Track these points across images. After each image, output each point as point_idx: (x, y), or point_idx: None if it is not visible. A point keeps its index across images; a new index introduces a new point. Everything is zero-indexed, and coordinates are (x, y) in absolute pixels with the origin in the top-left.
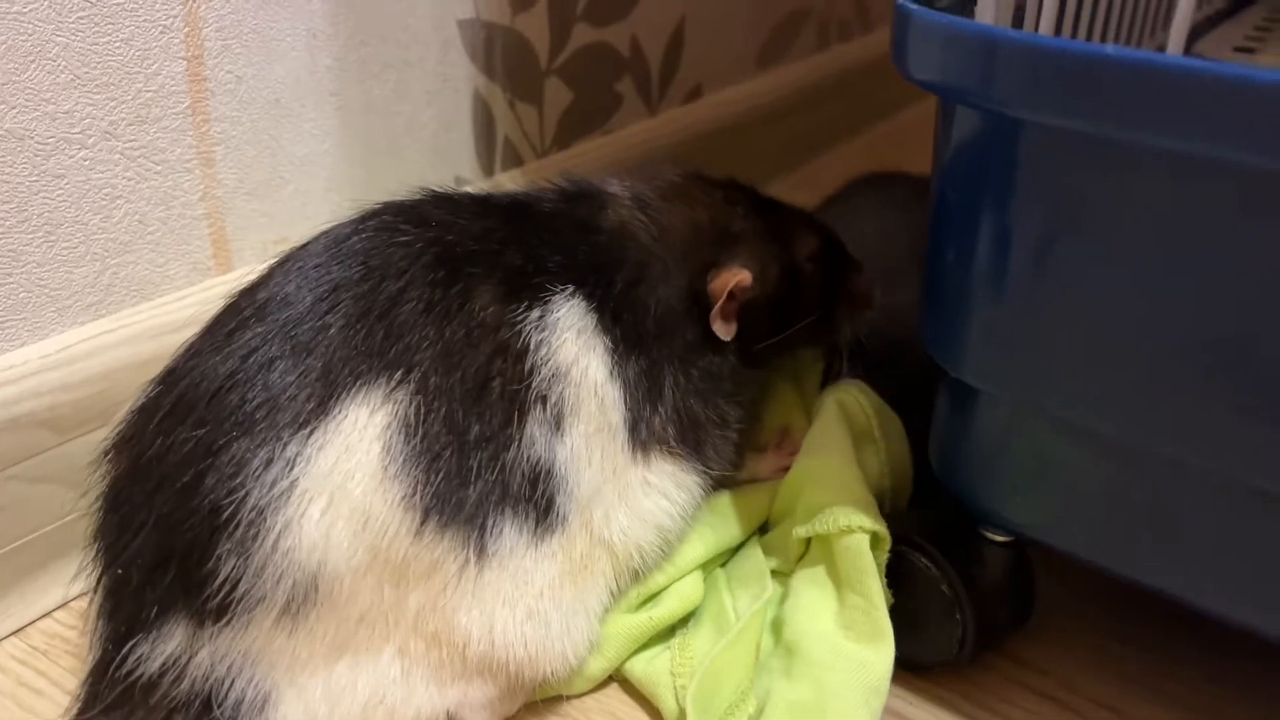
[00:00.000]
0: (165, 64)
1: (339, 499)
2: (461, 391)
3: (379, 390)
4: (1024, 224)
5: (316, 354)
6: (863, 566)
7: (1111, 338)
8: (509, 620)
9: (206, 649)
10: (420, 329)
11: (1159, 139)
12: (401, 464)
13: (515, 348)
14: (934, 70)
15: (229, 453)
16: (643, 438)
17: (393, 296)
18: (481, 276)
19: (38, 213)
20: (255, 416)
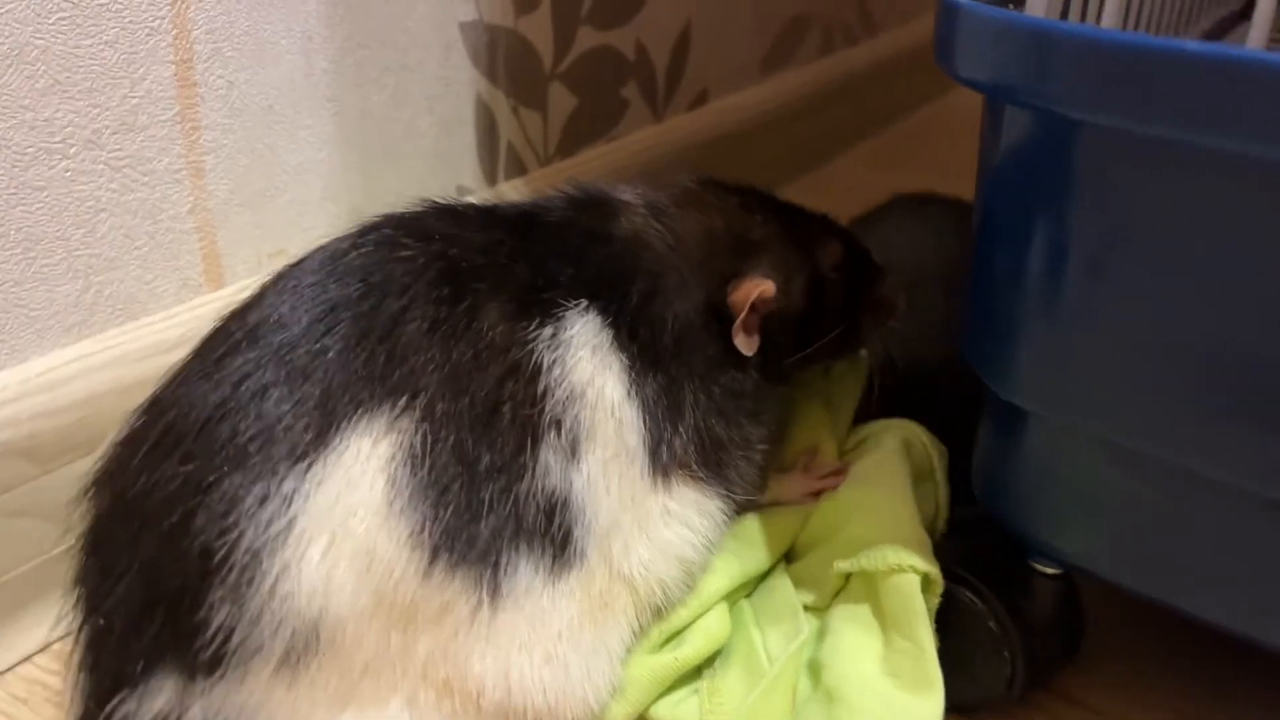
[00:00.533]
0: (152, 68)
1: (341, 538)
2: (470, 418)
3: (382, 418)
4: (1079, 234)
5: (314, 380)
6: (913, 609)
7: (1174, 357)
8: (526, 665)
9: (199, 704)
10: (425, 351)
11: (1233, 141)
12: (408, 499)
13: (527, 369)
14: (984, 68)
15: (220, 489)
16: (663, 461)
17: (395, 316)
18: (489, 293)
19: (16, 227)
20: (248, 449)
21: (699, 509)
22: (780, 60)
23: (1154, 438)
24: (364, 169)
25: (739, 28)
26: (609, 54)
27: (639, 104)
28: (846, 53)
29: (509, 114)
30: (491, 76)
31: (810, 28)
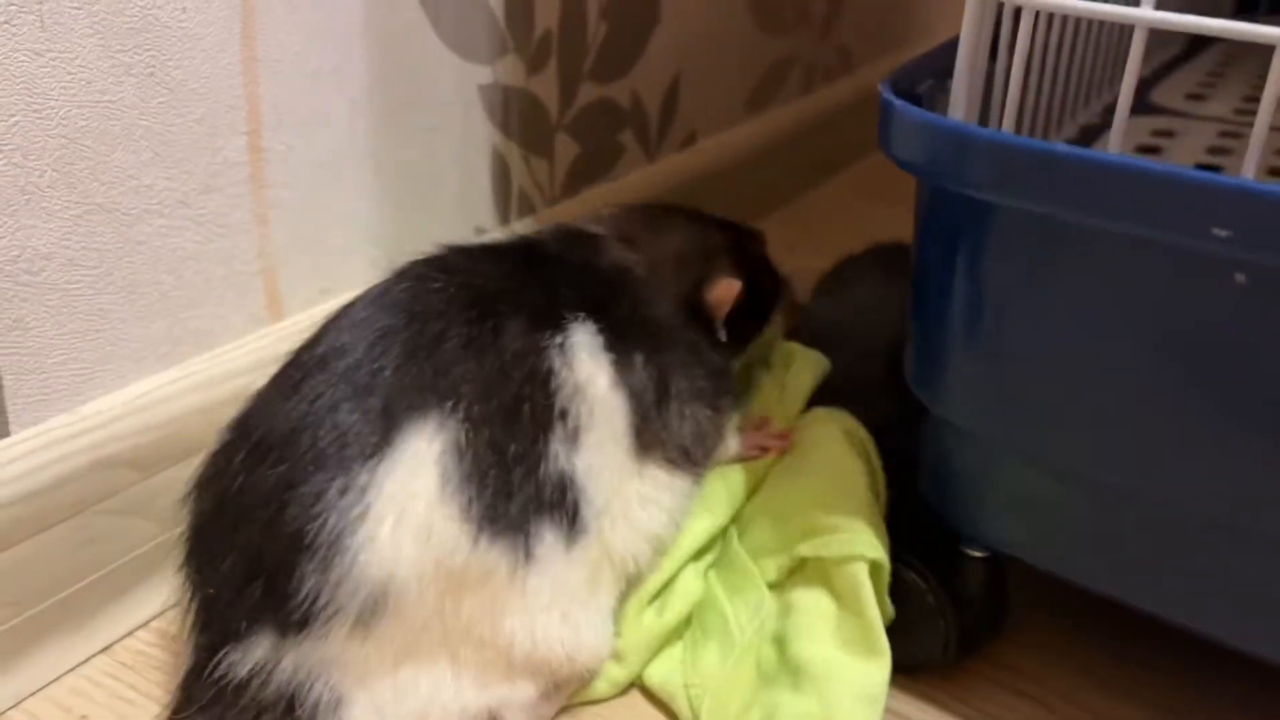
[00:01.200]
0: (230, 139)
1: (406, 516)
2: (500, 417)
3: (433, 421)
4: (990, 287)
5: (376, 394)
6: (861, 596)
7: (1064, 385)
8: (549, 624)
9: (290, 657)
10: (462, 363)
11: (1094, 218)
12: (456, 484)
13: (541, 372)
14: (913, 155)
15: (307, 485)
16: (646, 442)
17: (436, 337)
18: (509, 313)
19: (122, 275)
20: (328, 452)
21: (670, 489)
22: (764, 100)
23: (1059, 452)
24: (399, 216)
25: (724, 73)
26: (607, 105)
27: (634, 147)
28: (826, 90)
29: (520, 162)
30: (505, 131)
31: (791, 69)
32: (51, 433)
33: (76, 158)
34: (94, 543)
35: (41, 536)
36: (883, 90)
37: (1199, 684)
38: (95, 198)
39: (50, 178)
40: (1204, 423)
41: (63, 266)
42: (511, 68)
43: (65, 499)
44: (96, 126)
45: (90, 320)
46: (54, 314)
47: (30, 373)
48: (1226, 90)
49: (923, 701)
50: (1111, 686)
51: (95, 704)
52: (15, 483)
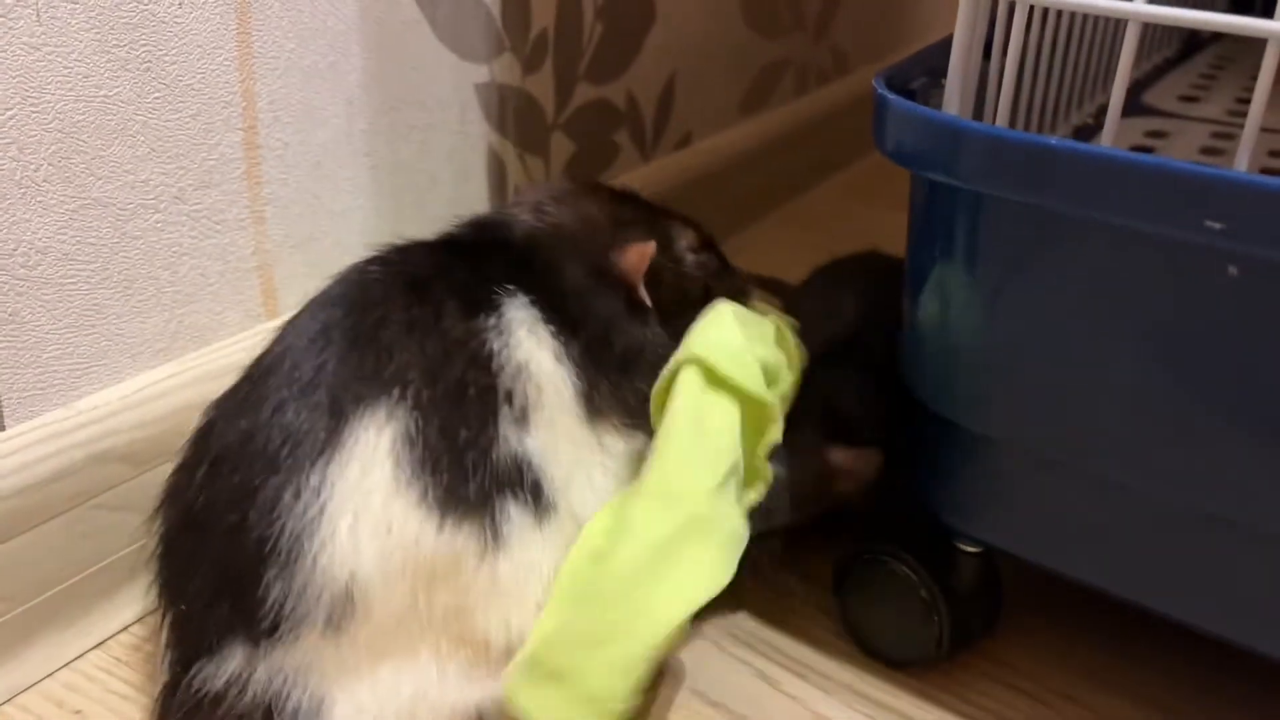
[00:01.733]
0: (225, 135)
1: (362, 513)
2: (447, 401)
3: (381, 410)
4: (982, 280)
5: (321, 389)
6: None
7: (1058, 379)
8: (523, 614)
9: (263, 665)
10: (405, 349)
11: (1088, 210)
12: (410, 473)
13: (482, 355)
14: (908, 150)
15: (263, 492)
16: (596, 408)
17: (376, 323)
18: (445, 296)
19: (118, 270)
20: (279, 455)
21: (626, 456)
22: (758, 102)
23: (1052, 446)
24: (395, 214)
25: (719, 75)
26: (603, 105)
27: (629, 148)
28: (820, 92)
29: (516, 161)
30: (501, 129)
31: (785, 71)
32: (47, 427)
33: (73, 152)
34: (89, 537)
35: (37, 531)
36: (877, 86)
37: (1199, 682)
38: (91, 192)
39: (46, 172)
40: (1198, 416)
41: (58, 261)
42: (508, 67)
43: (60, 493)
44: (93, 121)
45: (86, 315)
46: (49, 309)
47: (25, 367)
48: (1219, 92)
49: (920, 699)
50: (1111, 684)
51: (89, 699)
52: (11, 477)
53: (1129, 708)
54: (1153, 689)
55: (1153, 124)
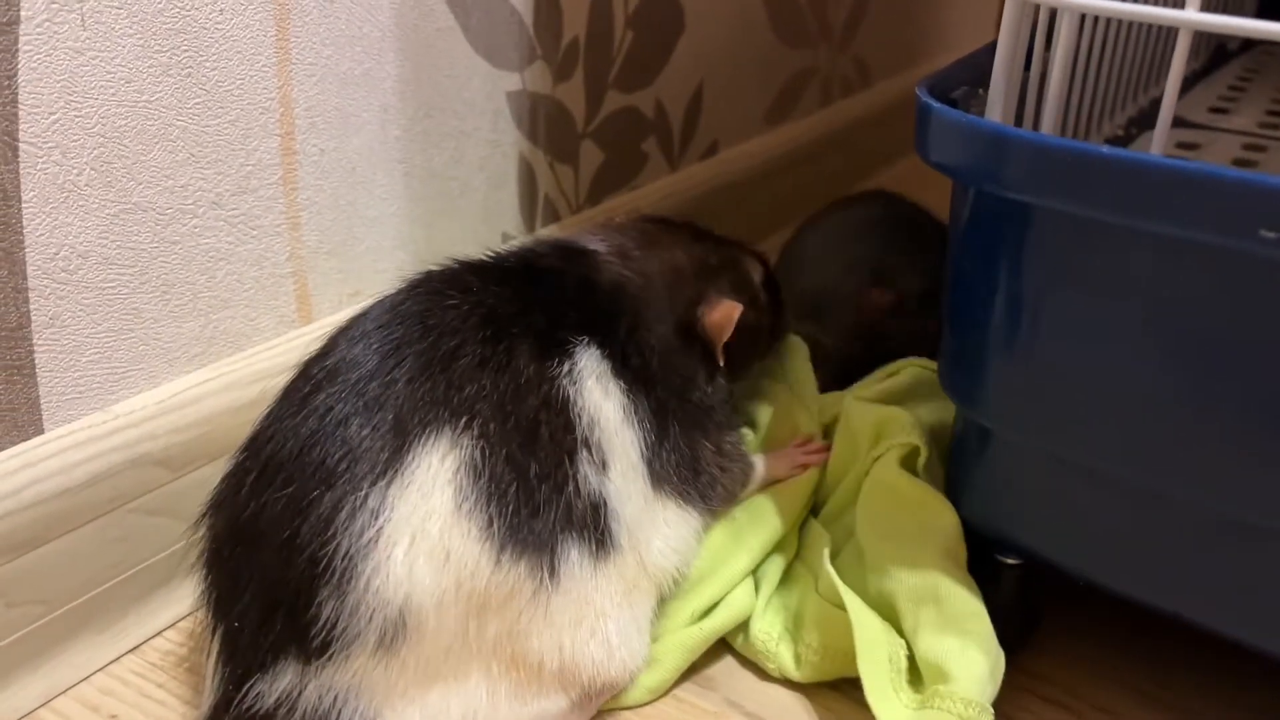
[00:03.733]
0: (263, 140)
1: (420, 538)
2: (518, 436)
3: (446, 437)
4: (1027, 290)
5: (387, 408)
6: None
7: (1103, 389)
8: (576, 639)
9: (314, 683)
10: (477, 381)
11: (1134, 219)
12: (474, 502)
13: (556, 401)
14: (950, 158)
15: (318, 508)
16: (657, 472)
17: (450, 352)
18: (520, 336)
19: (156, 275)
20: (338, 470)
21: (684, 523)
22: (783, 112)
23: (1094, 454)
24: (427, 221)
25: (746, 84)
26: (632, 114)
27: (657, 156)
28: (844, 103)
29: (547, 169)
30: (533, 138)
31: (810, 82)
32: (85, 431)
33: (114, 156)
34: (125, 541)
35: (73, 535)
36: (920, 94)
37: (1235, 696)
38: (132, 197)
39: (89, 176)
40: (1247, 429)
41: (99, 265)
42: (539, 75)
43: (98, 497)
44: (135, 125)
45: (125, 319)
46: (89, 312)
47: (64, 370)
48: (1249, 104)
49: None
50: (1149, 698)
51: (124, 703)
52: (48, 480)
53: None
54: (1190, 702)
55: (1184, 135)
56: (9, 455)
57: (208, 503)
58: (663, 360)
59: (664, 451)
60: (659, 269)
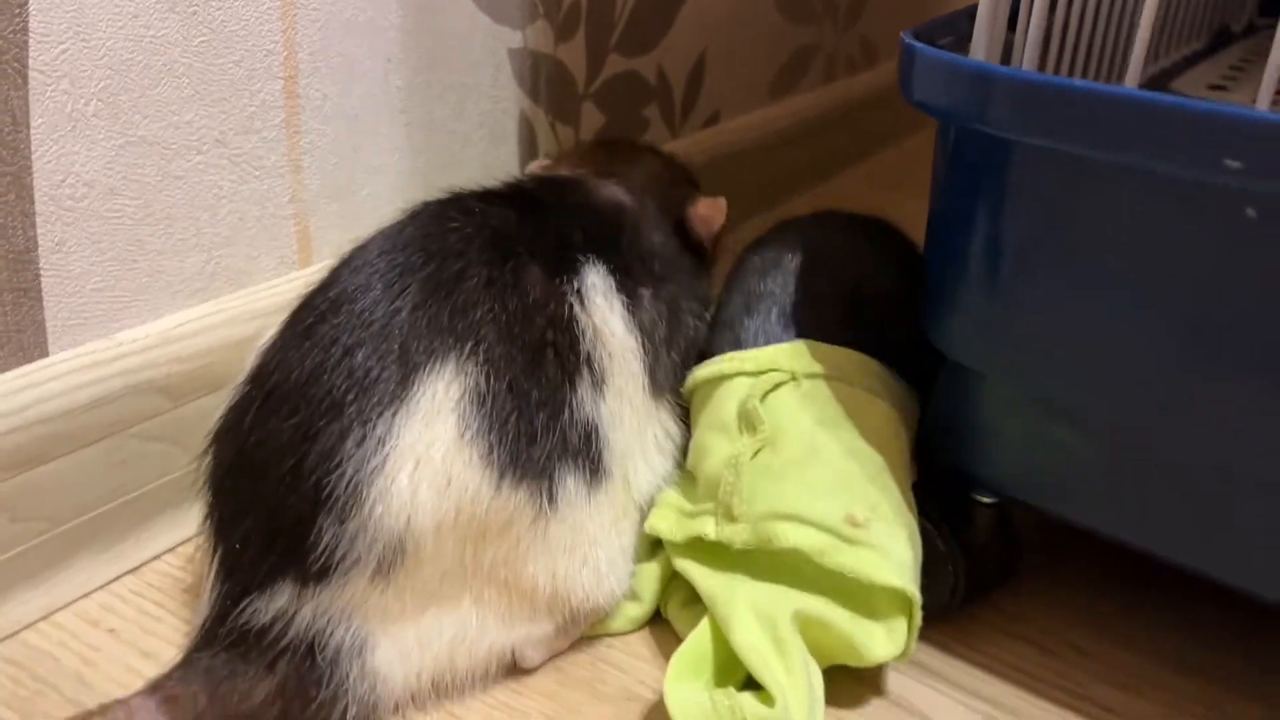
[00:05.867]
0: (267, 83)
1: (423, 464)
2: (522, 360)
3: (451, 364)
4: (1009, 229)
5: (392, 337)
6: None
7: (1081, 326)
8: (569, 567)
9: (310, 605)
10: (483, 304)
11: (1109, 153)
12: (476, 429)
13: (563, 319)
14: (934, 97)
15: (325, 436)
16: (659, 381)
17: (455, 275)
18: (527, 256)
19: (160, 209)
20: (345, 400)
21: (676, 436)
22: (787, 86)
23: (1064, 391)
24: (427, 173)
25: (750, 56)
26: (634, 78)
27: (658, 122)
28: (848, 81)
29: (547, 128)
30: (534, 96)
31: (815, 57)
32: (88, 356)
33: (120, 89)
34: (126, 465)
35: (75, 455)
36: (905, 38)
37: (1209, 636)
38: (138, 130)
39: (95, 107)
40: (1217, 364)
41: (104, 195)
42: (541, 33)
43: (100, 420)
44: (141, 60)
45: (129, 250)
46: (94, 241)
47: (70, 295)
48: (1248, 84)
49: (932, 649)
50: (1123, 638)
51: (122, 619)
52: (51, 401)
53: (1140, 661)
54: (1164, 643)
55: None
56: (14, 375)
57: (212, 431)
58: (663, 261)
59: (669, 359)
60: (645, 181)
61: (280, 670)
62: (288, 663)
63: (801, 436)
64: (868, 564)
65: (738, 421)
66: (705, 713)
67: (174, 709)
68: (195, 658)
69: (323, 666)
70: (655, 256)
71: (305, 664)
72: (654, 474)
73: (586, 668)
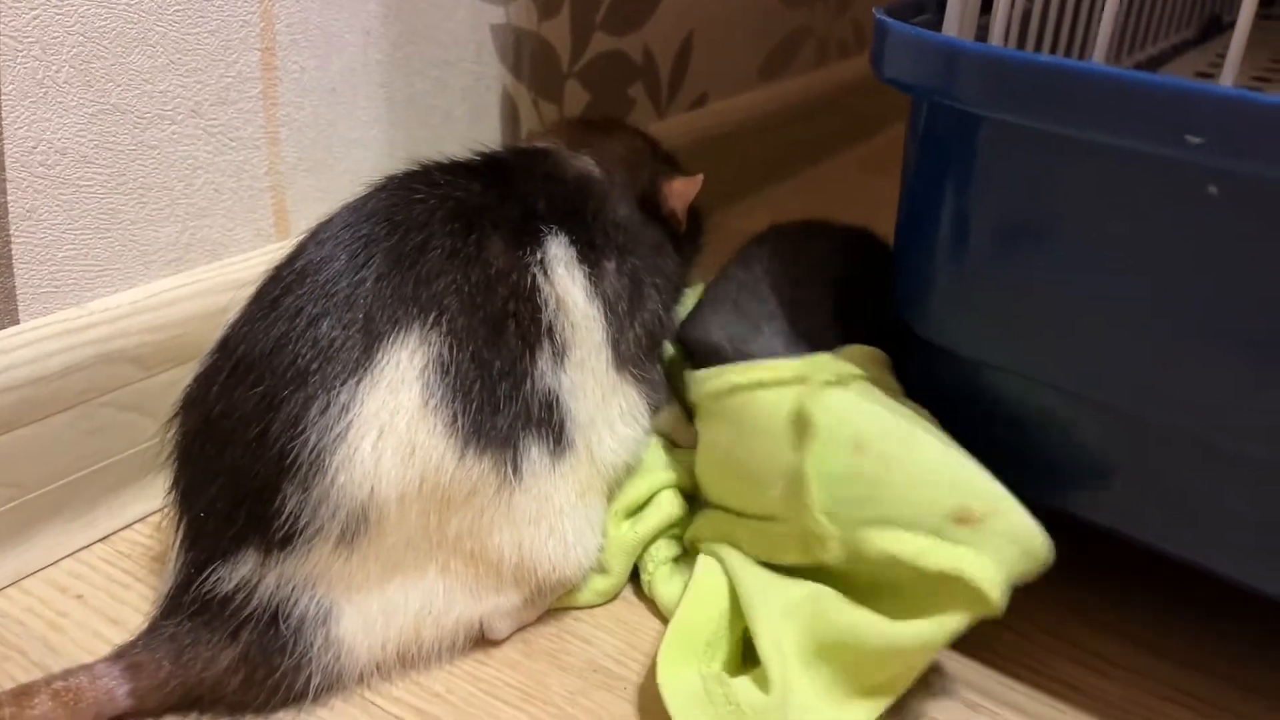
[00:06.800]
0: (244, 53)
1: (387, 433)
2: (485, 331)
3: (415, 333)
4: (977, 205)
5: (357, 307)
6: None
7: (1050, 302)
8: (535, 538)
9: (274, 573)
10: (446, 275)
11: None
12: (440, 398)
13: (525, 289)
14: (904, 73)
15: (289, 405)
16: (621, 354)
17: (418, 247)
18: (490, 227)
19: (134, 178)
20: (309, 369)
21: (641, 408)
22: (777, 69)
23: (1039, 367)
24: (407, 148)
25: (738, 38)
26: (619, 57)
27: (644, 102)
28: (840, 65)
29: (530, 106)
30: (516, 73)
31: (806, 40)
32: (59, 324)
33: (93, 56)
34: (97, 434)
35: (46, 422)
36: (877, 14)
37: (1184, 619)
38: (110, 98)
39: (67, 74)
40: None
41: (76, 163)
42: (524, 10)
43: (70, 388)
44: (114, 28)
45: (101, 218)
46: (66, 208)
47: (41, 263)
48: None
49: None
50: (1097, 622)
51: (90, 585)
52: (22, 368)
53: (1109, 644)
54: (1132, 624)
55: None
56: None
57: (179, 400)
58: (628, 234)
59: (633, 331)
60: (620, 154)
61: (244, 638)
62: (251, 631)
63: (884, 432)
64: (969, 564)
65: (790, 431)
66: (698, 698)
67: (137, 675)
68: (160, 625)
69: (286, 635)
70: (621, 229)
71: (269, 632)
72: (620, 443)
73: (552, 639)
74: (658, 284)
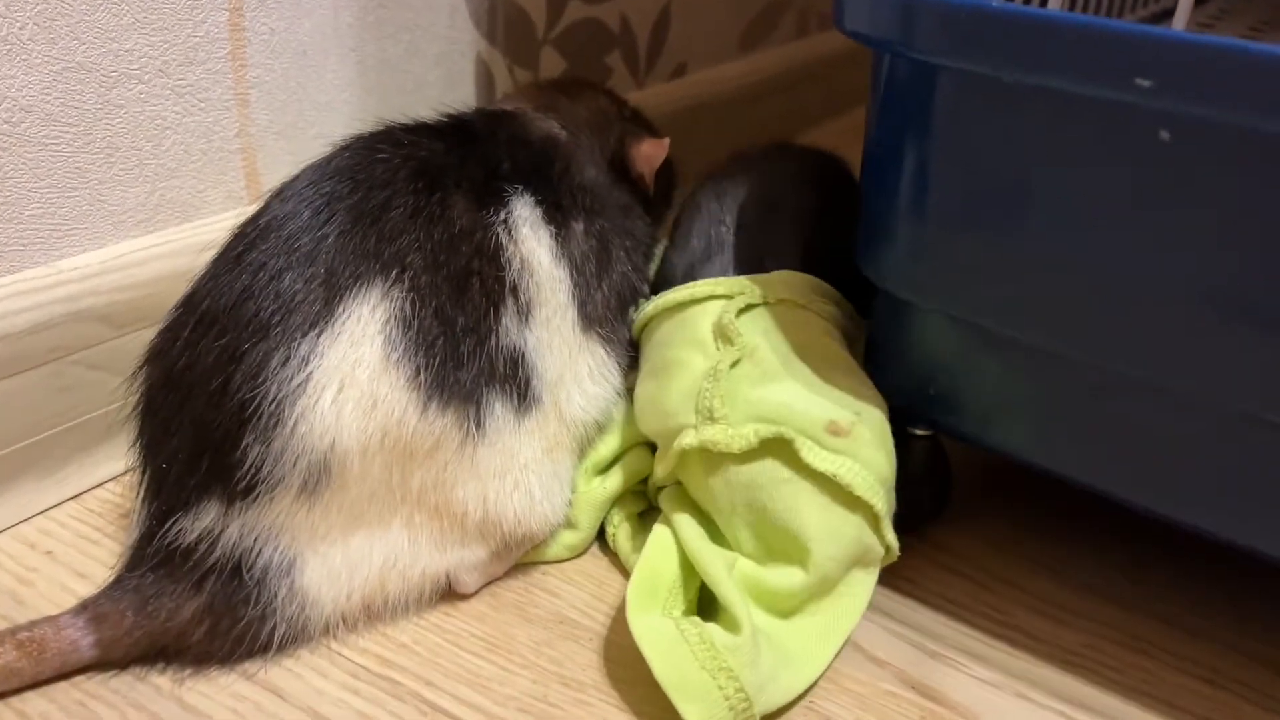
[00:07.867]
0: (211, 14)
1: (348, 386)
2: (448, 288)
3: (377, 288)
4: (939, 157)
5: (319, 261)
6: None
7: (1010, 252)
8: (500, 491)
9: (236, 523)
10: (409, 233)
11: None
12: (402, 352)
13: (489, 248)
14: (864, 25)
15: (251, 356)
16: (587, 314)
17: (382, 204)
18: (454, 187)
19: (100, 137)
20: (271, 322)
21: (611, 367)
22: (757, 39)
23: (1001, 321)
24: (379, 112)
25: (718, 7)
26: (595, 25)
27: (622, 71)
28: (821, 36)
29: (505, 72)
30: (491, 39)
31: (787, 11)
32: (27, 282)
33: (58, 14)
34: (67, 392)
35: (15, 379)
36: None
37: (1136, 569)
38: (75, 56)
39: (31, 31)
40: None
41: (41, 121)
42: None
43: (39, 346)
44: None
45: (68, 177)
46: (32, 167)
47: (7, 222)
48: (1233, 23)
49: None
50: (1053, 571)
51: (60, 542)
52: None
53: (1067, 593)
54: (1092, 576)
55: None
56: None
57: (144, 354)
58: (595, 196)
59: (599, 292)
60: (587, 116)
61: (208, 589)
62: (215, 581)
63: (780, 349)
64: (845, 470)
65: (713, 337)
66: (674, 642)
67: (101, 626)
68: (124, 578)
69: (250, 585)
70: (588, 191)
71: (233, 583)
72: (589, 401)
73: (519, 592)
74: (627, 246)
